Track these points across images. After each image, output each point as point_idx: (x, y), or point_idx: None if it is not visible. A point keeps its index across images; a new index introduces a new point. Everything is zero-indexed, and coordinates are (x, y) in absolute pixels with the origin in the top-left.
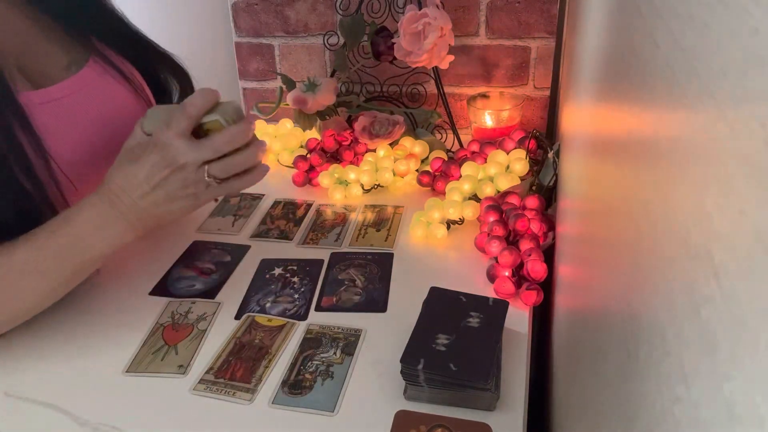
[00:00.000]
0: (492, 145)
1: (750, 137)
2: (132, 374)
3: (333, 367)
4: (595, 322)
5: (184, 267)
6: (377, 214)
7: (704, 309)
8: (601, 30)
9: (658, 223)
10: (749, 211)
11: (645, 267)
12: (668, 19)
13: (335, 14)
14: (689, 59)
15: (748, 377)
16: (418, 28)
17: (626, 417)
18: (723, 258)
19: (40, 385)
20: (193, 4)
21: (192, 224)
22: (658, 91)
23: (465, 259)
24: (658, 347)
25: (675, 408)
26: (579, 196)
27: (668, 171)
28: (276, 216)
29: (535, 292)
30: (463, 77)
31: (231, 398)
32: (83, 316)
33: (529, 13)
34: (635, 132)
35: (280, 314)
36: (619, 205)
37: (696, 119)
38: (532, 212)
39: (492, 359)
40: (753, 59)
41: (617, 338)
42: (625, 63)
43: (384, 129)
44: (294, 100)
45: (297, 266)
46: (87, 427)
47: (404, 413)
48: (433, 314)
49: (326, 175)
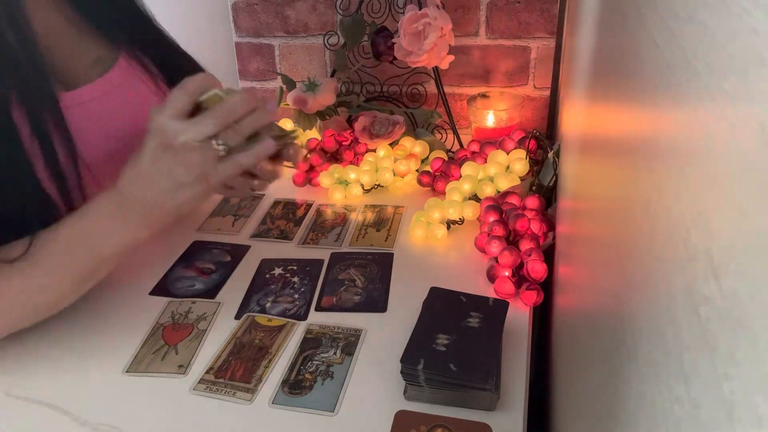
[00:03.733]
0: (492, 145)
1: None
2: (132, 374)
3: (333, 367)
4: (595, 322)
5: (184, 267)
6: (377, 214)
7: (704, 309)
8: (601, 30)
9: (658, 223)
10: (749, 211)
11: (645, 267)
12: (668, 19)
13: (335, 14)
14: (689, 59)
15: (748, 377)
16: (419, 28)
17: (626, 417)
18: (723, 258)
19: (40, 385)
20: (193, 4)
21: (192, 224)
22: (658, 91)
23: (465, 259)
24: (658, 347)
25: (675, 408)
26: (579, 196)
27: (668, 171)
28: (276, 216)
29: (535, 292)
30: (463, 77)
31: (231, 398)
32: (83, 315)
33: (529, 13)
34: (635, 132)
35: (280, 314)
36: (619, 205)
37: (696, 119)
38: (532, 212)
39: (492, 359)
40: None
41: (617, 338)
42: (625, 63)
43: (384, 129)
44: (294, 100)
45: (297, 266)
46: (87, 427)
47: (404, 413)
48: (433, 314)
49: (326, 175)
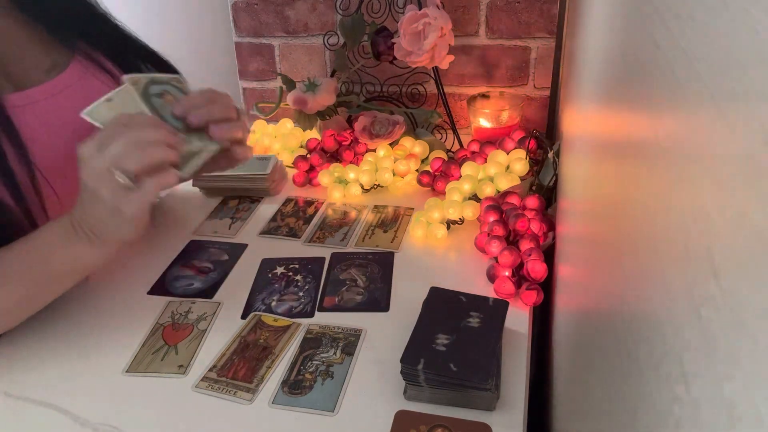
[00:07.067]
0: (492, 145)
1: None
2: (132, 374)
3: (333, 367)
4: (594, 322)
5: (182, 266)
6: (386, 215)
7: (704, 309)
8: (601, 30)
9: (658, 223)
10: (749, 211)
11: (645, 267)
12: (668, 19)
13: (335, 14)
14: (689, 59)
15: (748, 377)
16: (418, 28)
17: (626, 417)
18: (723, 258)
19: (40, 385)
20: (193, 4)
21: (188, 227)
22: (658, 91)
23: (465, 259)
24: (658, 347)
25: (675, 408)
26: (579, 196)
27: (668, 171)
28: (287, 213)
29: (535, 292)
30: (463, 77)
31: (232, 398)
32: (83, 315)
33: (529, 13)
34: (635, 132)
35: (286, 312)
36: (619, 205)
37: (696, 119)
38: (532, 212)
39: (492, 359)
40: (753, 59)
41: (617, 338)
42: (626, 63)
43: (384, 129)
44: (294, 100)
45: (299, 264)
46: (87, 427)
47: (404, 413)
48: (433, 314)
49: (326, 174)
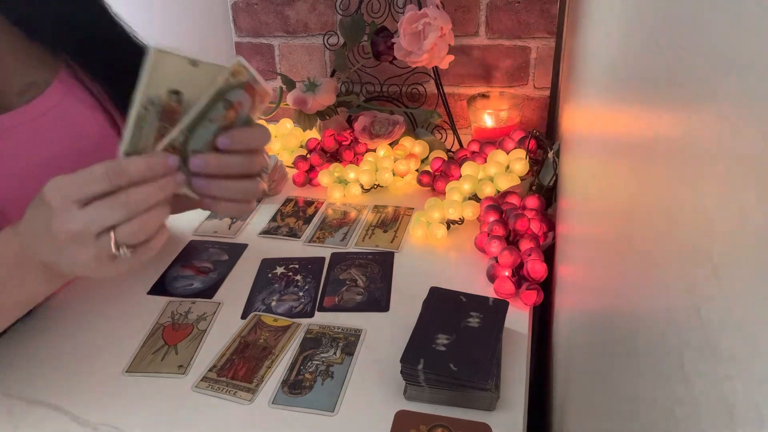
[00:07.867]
0: (492, 145)
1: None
2: (132, 374)
3: (333, 367)
4: (595, 322)
5: (182, 266)
6: (386, 214)
7: (704, 309)
8: (601, 30)
9: (658, 223)
10: (749, 210)
11: (645, 267)
12: (668, 19)
13: (335, 14)
14: (689, 59)
15: (748, 377)
16: (418, 28)
17: (626, 417)
18: (723, 258)
19: (40, 385)
20: (193, 4)
21: (188, 227)
22: (658, 91)
23: (465, 259)
24: (658, 347)
25: (675, 408)
26: (579, 196)
27: (668, 171)
28: (287, 213)
29: (535, 292)
30: (463, 77)
31: (231, 397)
32: (83, 315)
33: (529, 13)
34: (635, 132)
35: (286, 312)
36: (619, 205)
37: (696, 119)
38: (532, 212)
39: (492, 359)
40: (753, 59)
41: (617, 338)
42: (626, 63)
43: (384, 129)
44: (294, 100)
45: (299, 264)
46: (87, 427)
47: (404, 413)
48: (433, 314)
49: (326, 174)
